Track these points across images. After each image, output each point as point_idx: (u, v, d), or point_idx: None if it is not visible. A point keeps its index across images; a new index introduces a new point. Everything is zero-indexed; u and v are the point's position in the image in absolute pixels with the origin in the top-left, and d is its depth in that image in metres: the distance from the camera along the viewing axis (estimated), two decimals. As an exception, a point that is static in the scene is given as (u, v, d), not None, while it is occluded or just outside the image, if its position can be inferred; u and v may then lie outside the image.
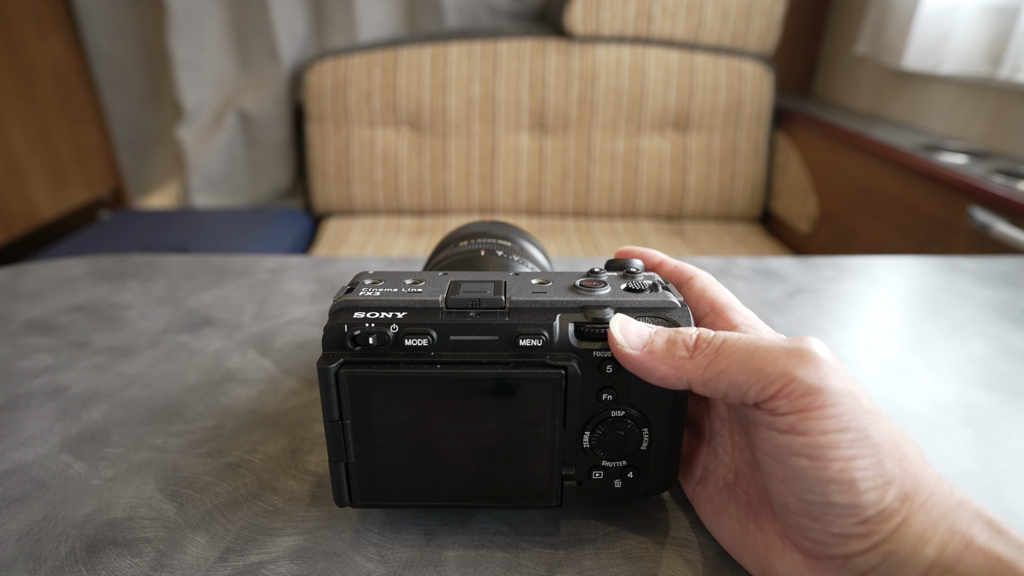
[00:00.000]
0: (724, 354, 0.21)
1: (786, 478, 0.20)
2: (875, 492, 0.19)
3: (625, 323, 0.23)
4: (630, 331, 0.23)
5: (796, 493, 0.20)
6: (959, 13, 1.09)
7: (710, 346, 0.22)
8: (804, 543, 0.21)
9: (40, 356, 0.40)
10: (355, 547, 0.26)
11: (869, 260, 0.57)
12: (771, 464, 0.21)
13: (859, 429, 0.19)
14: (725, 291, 0.27)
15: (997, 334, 0.44)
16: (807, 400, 0.20)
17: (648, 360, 0.22)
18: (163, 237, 1.24)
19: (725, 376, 0.21)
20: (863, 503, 0.19)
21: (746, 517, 0.24)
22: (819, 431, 0.19)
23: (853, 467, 0.19)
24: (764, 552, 0.23)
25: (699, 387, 0.22)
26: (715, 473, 0.26)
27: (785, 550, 0.22)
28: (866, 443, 0.19)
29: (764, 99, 1.41)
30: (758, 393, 0.20)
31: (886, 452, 0.19)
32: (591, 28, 1.35)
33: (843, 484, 0.19)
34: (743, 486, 0.24)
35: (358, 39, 1.45)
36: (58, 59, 1.34)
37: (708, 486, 0.26)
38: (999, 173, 0.92)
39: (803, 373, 0.20)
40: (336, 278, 0.52)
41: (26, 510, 0.27)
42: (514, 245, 0.35)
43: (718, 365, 0.21)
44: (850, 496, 0.19)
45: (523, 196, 1.46)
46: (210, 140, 1.47)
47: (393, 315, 0.23)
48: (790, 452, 0.20)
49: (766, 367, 0.20)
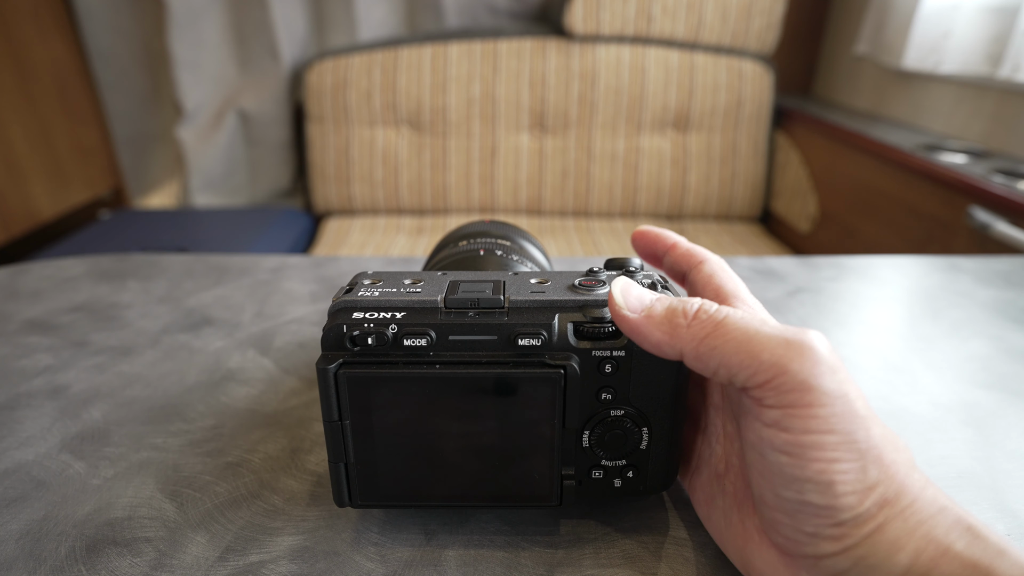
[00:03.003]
0: (722, 330, 0.21)
1: (765, 471, 0.20)
2: (853, 496, 0.19)
3: (627, 286, 0.23)
4: (631, 294, 0.22)
5: (773, 488, 0.20)
6: (959, 13, 1.09)
7: (710, 319, 0.21)
8: (778, 539, 0.21)
9: (40, 356, 0.40)
10: (355, 547, 0.26)
11: (869, 260, 0.57)
12: (753, 455, 0.21)
13: (846, 433, 0.19)
14: (734, 278, 0.27)
15: (997, 334, 0.44)
16: (795, 396, 0.19)
17: (644, 324, 0.22)
18: (163, 237, 1.24)
19: (718, 353, 0.20)
20: (839, 505, 0.19)
21: (731, 509, 0.24)
22: (802, 430, 0.19)
23: (833, 469, 0.19)
24: (744, 545, 0.23)
25: (691, 359, 0.21)
26: (708, 463, 0.26)
27: (762, 545, 0.22)
28: (851, 448, 0.19)
29: (764, 99, 1.41)
30: (747, 378, 0.20)
31: (872, 458, 0.19)
32: (591, 28, 1.35)
33: (820, 485, 0.19)
34: (731, 477, 0.24)
35: (358, 39, 1.45)
36: (58, 59, 1.34)
37: (701, 475, 0.26)
38: (999, 173, 0.92)
39: (796, 367, 0.19)
40: (336, 278, 0.52)
41: (26, 510, 0.27)
42: (513, 245, 0.35)
43: (714, 341, 0.21)
44: (826, 498, 0.19)
45: (523, 196, 1.46)
46: (210, 140, 1.47)
47: (392, 315, 0.23)
48: (771, 447, 0.20)
49: (761, 353, 0.20)
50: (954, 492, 0.29)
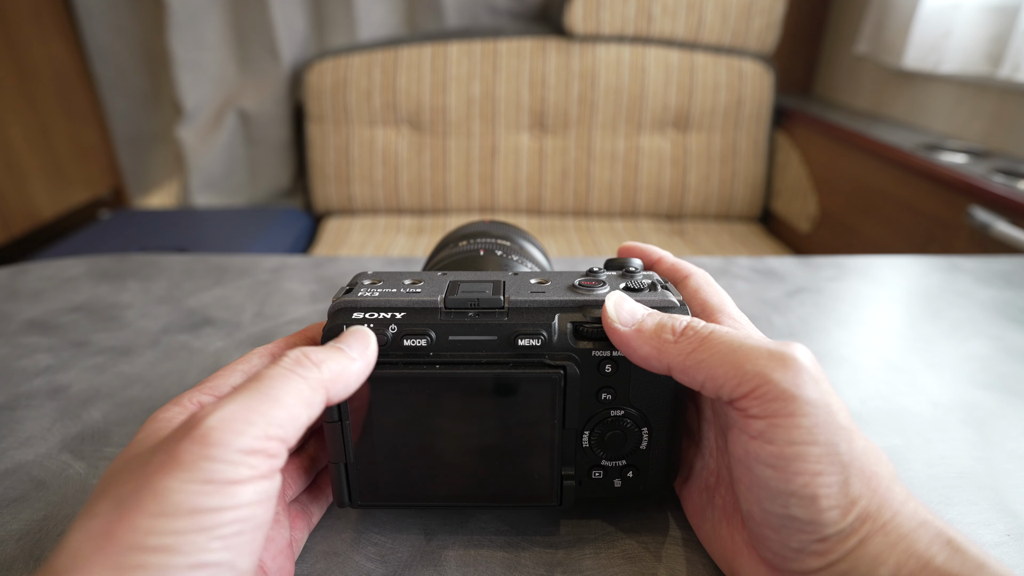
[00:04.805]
0: (708, 345, 0.21)
1: (752, 486, 0.20)
2: (836, 511, 0.19)
3: (620, 300, 0.23)
4: (623, 308, 0.23)
5: (760, 502, 0.20)
6: (959, 12, 1.09)
7: (696, 334, 0.22)
8: (766, 554, 0.21)
9: (40, 356, 0.40)
10: (355, 547, 0.26)
11: (869, 260, 0.57)
12: (741, 470, 0.21)
13: (829, 444, 0.19)
14: (719, 292, 0.27)
15: (997, 334, 0.44)
16: (778, 406, 0.19)
17: (634, 338, 0.22)
18: (163, 237, 1.24)
19: (704, 367, 0.21)
20: (823, 520, 0.19)
21: (721, 521, 0.24)
22: (787, 441, 0.19)
23: (816, 483, 0.19)
24: (733, 557, 0.23)
25: (678, 373, 0.22)
26: (700, 474, 0.26)
27: (751, 559, 0.22)
28: (834, 460, 0.19)
29: (764, 98, 1.41)
30: (732, 390, 0.20)
31: (854, 471, 0.19)
32: (591, 27, 1.35)
33: (804, 499, 0.19)
34: (721, 491, 0.24)
35: (358, 38, 1.45)
36: (58, 59, 1.34)
37: (692, 486, 0.26)
38: (999, 172, 0.92)
39: (779, 377, 0.20)
40: (336, 278, 0.52)
41: (26, 510, 0.27)
42: (513, 245, 0.35)
43: (700, 355, 0.21)
44: (810, 512, 0.19)
45: (523, 196, 1.46)
46: (210, 139, 1.47)
47: (392, 315, 0.23)
48: (757, 460, 0.20)
49: (744, 364, 0.20)
50: (954, 492, 0.29)
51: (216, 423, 0.17)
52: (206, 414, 0.17)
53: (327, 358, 0.20)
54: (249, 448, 0.17)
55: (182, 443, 0.16)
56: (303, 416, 0.19)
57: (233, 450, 0.17)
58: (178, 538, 0.15)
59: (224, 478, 0.16)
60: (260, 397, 0.18)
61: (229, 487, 0.16)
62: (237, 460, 0.17)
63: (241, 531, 0.17)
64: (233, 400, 0.18)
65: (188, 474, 0.16)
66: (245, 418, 0.17)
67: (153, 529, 0.15)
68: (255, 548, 0.17)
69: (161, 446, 0.17)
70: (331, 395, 0.20)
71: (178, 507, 0.16)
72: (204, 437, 0.16)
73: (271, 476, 0.18)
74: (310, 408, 0.19)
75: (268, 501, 0.18)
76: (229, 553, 0.16)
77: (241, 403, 0.18)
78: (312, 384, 0.19)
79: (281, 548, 0.22)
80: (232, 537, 0.16)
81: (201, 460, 0.16)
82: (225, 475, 0.16)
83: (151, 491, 0.16)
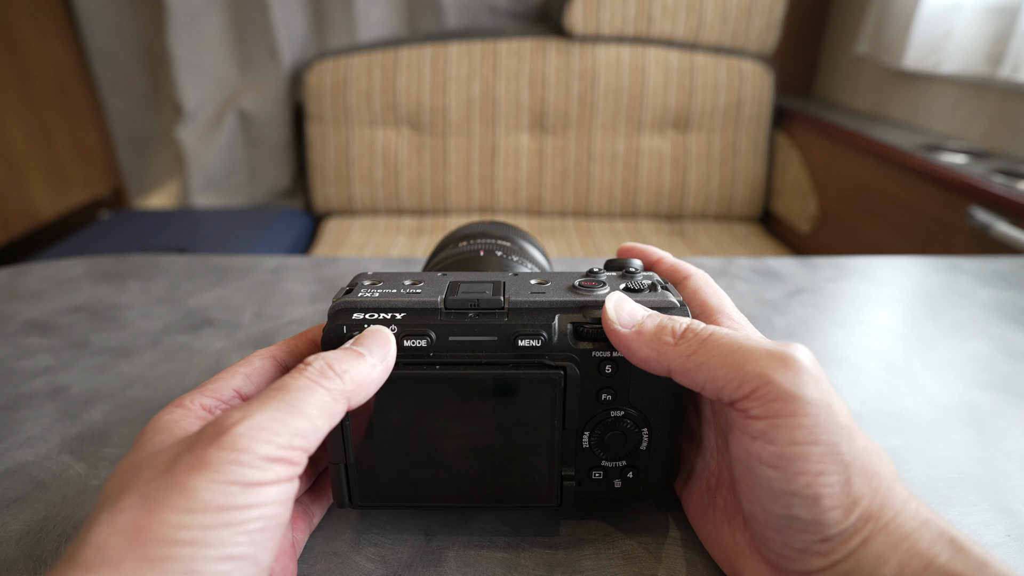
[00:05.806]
0: (708, 346, 0.21)
1: (754, 486, 0.20)
2: (839, 511, 0.19)
3: (620, 301, 0.23)
4: (624, 309, 0.23)
5: (762, 503, 0.20)
6: (959, 13, 1.09)
7: (696, 336, 0.22)
8: (769, 555, 0.21)
9: (40, 356, 0.40)
10: (355, 547, 0.26)
11: (869, 260, 0.57)
12: (742, 471, 0.21)
13: (830, 444, 0.19)
14: (719, 293, 0.27)
15: (997, 334, 0.44)
16: (779, 406, 0.19)
17: (634, 339, 0.22)
18: (163, 237, 1.24)
19: (705, 368, 0.21)
20: (826, 520, 0.19)
21: (722, 522, 0.24)
22: (788, 441, 0.19)
23: (819, 483, 0.19)
24: (735, 558, 0.23)
25: (679, 375, 0.22)
26: (701, 476, 0.26)
27: (753, 560, 0.22)
28: (836, 459, 0.19)
29: (764, 99, 1.41)
30: (733, 391, 0.20)
31: (856, 471, 0.19)
32: (591, 28, 1.35)
33: (807, 499, 0.19)
34: (723, 492, 0.24)
35: (358, 39, 1.45)
36: (58, 59, 1.34)
37: (693, 487, 0.26)
38: (999, 173, 0.92)
39: (780, 377, 0.20)
40: (336, 278, 0.52)
41: (26, 510, 0.27)
42: (513, 245, 0.35)
43: (700, 357, 0.21)
44: (813, 512, 0.19)
45: (523, 196, 1.46)
46: (210, 140, 1.47)
47: (392, 316, 0.23)
48: (759, 460, 0.20)
49: (745, 365, 0.20)
50: (954, 492, 0.29)
51: (244, 431, 0.18)
52: (235, 421, 0.18)
53: (350, 368, 0.21)
54: (273, 456, 0.18)
55: (210, 447, 0.17)
56: (325, 427, 0.19)
57: (258, 457, 0.17)
58: (207, 532, 0.16)
59: (249, 480, 0.17)
60: (286, 408, 0.19)
61: (254, 488, 0.17)
62: (261, 466, 0.17)
63: (264, 527, 0.17)
64: (261, 409, 0.18)
65: (215, 475, 0.17)
66: (271, 428, 0.18)
67: (183, 524, 0.16)
68: (275, 545, 0.18)
69: (187, 448, 0.18)
70: (352, 404, 0.21)
71: (206, 504, 0.16)
72: (232, 443, 0.17)
73: (292, 480, 0.18)
74: (331, 419, 0.20)
75: (288, 501, 0.18)
76: (253, 548, 0.17)
77: (268, 413, 0.18)
78: (335, 395, 0.20)
79: (284, 549, 0.23)
80: (256, 533, 0.17)
81: (228, 464, 0.17)
82: (250, 478, 0.17)
83: (179, 488, 0.16)
